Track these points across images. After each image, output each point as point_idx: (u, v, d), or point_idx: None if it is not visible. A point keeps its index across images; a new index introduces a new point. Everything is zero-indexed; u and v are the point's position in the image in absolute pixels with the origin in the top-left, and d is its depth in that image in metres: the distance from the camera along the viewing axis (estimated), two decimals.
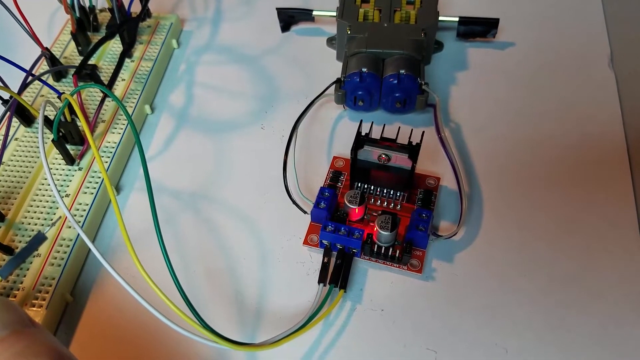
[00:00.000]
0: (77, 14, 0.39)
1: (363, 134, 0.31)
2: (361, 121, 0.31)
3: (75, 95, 0.29)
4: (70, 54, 0.40)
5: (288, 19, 0.43)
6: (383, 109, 0.37)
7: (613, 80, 0.38)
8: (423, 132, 0.31)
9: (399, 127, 0.31)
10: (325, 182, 0.33)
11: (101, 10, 0.42)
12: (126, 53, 0.36)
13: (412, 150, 0.30)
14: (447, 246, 0.31)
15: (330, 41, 0.42)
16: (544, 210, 0.32)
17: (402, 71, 0.35)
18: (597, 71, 0.39)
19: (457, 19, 0.40)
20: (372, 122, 0.31)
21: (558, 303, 0.28)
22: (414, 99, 0.36)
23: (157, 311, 0.23)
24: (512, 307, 0.28)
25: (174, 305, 0.24)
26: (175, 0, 0.46)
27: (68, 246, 0.30)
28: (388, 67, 0.36)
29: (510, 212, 0.32)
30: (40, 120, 0.26)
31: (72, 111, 0.34)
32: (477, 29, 0.41)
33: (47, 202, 0.32)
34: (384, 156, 0.30)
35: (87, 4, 0.40)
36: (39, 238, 0.25)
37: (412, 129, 0.31)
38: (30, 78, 0.33)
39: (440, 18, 0.39)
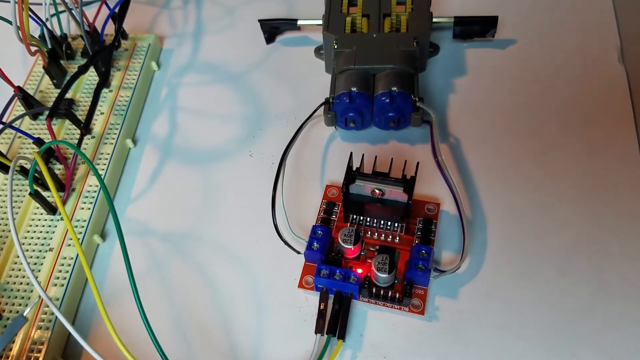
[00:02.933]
0: (49, 45, 0.37)
1: (354, 167, 0.29)
2: (351, 154, 0.29)
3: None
4: (46, 88, 0.38)
5: (272, 30, 0.40)
6: (376, 127, 0.35)
7: (624, 77, 0.36)
8: (418, 163, 0.29)
9: (392, 159, 0.29)
10: (318, 215, 0.31)
11: (74, 38, 0.40)
12: (101, 87, 0.34)
13: (407, 184, 0.28)
14: (451, 280, 0.29)
15: (318, 51, 0.39)
16: (553, 231, 0.30)
17: (394, 88, 0.32)
18: (606, 66, 0.36)
19: (452, 19, 0.38)
20: (363, 155, 0.29)
21: (569, 337, 0.27)
22: (408, 117, 0.33)
23: None
24: (521, 344, 0.27)
25: None
26: (152, 15, 0.44)
27: (56, 306, 0.29)
28: (379, 84, 0.33)
29: (516, 235, 0.30)
30: (8, 197, 0.25)
31: (50, 155, 0.33)
32: (475, 28, 0.38)
33: (32, 257, 0.30)
34: (377, 191, 0.28)
35: (58, 33, 0.38)
36: (19, 322, 0.24)
37: (405, 160, 0.29)
38: (1, 126, 0.32)
39: (435, 19, 0.37)
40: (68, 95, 0.37)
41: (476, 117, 0.35)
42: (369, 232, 0.30)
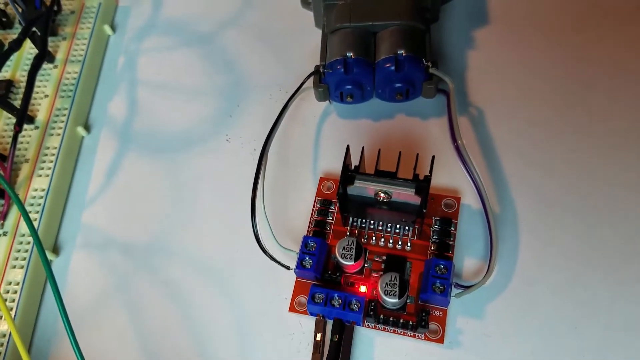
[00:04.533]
0: None
1: (353, 165, 0.23)
2: (348, 148, 0.23)
3: None
4: None
5: None
6: (379, 99, 0.28)
7: None
8: (433, 158, 0.22)
9: (400, 153, 0.23)
10: (310, 217, 0.26)
11: (7, 3, 0.32)
12: (38, 66, 0.28)
13: (420, 186, 0.22)
14: (475, 296, 0.23)
15: (305, 1, 0.32)
16: (603, 231, 0.24)
17: (401, 51, 0.25)
18: None
19: None
20: (363, 148, 0.23)
21: None
22: (419, 87, 0.27)
23: None
24: None
25: None
26: None
27: (1, 344, 0.24)
28: (382, 45, 0.26)
29: (556, 236, 0.24)
30: None
31: None
32: None
33: None
34: (382, 194, 0.22)
35: None
36: None
37: (417, 155, 0.23)
38: None
39: None
40: (6, 75, 0.31)
41: (504, 80, 0.28)
42: (374, 238, 0.25)
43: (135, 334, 0.25)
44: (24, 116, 0.26)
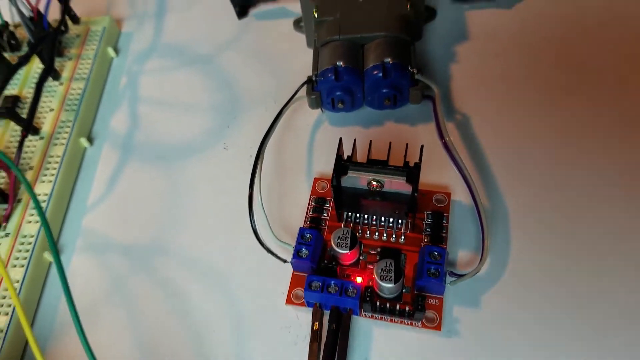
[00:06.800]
0: None
1: (345, 156, 0.24)
2: (340, 140, 0.24)
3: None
4: None
5: (243, 1, 0.35)
6: (369, 106, 0.30)
7: None
8: (422, 146, 0.24)
9: (390, 143, 0.24)
10: (306, 214, 0.26)
11: (17, 26, 0.34)
12: (45, 78, 0.29)
13: (411, 173, 0.23)
14: (470, 285, 0.24)
15: (298, 24, 0.34)
16: (590, 220, 0.25)
17: (388, 60, 0.27)
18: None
19: None
20: (355, 140, 0.24)
21: (618, 346, 0.22)
22: (406, 93, 0.28)
23: None
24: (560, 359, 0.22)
25: None
26: None
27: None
28: (369, 55, 0.28)
29: (544, 227, 0.25)
30: None
31: None
32: None
33: None
34: (375, 183, 0.23)
35: None
36: None
37: (407, 144, 0.24)
38: None
39: None
40: (13, 92, 0.32)
41: (486, 89, 0.30)
42: (368, 232, 0.25)
43: (134, 334, 0.25)
44: (30, 122, 0.28)
